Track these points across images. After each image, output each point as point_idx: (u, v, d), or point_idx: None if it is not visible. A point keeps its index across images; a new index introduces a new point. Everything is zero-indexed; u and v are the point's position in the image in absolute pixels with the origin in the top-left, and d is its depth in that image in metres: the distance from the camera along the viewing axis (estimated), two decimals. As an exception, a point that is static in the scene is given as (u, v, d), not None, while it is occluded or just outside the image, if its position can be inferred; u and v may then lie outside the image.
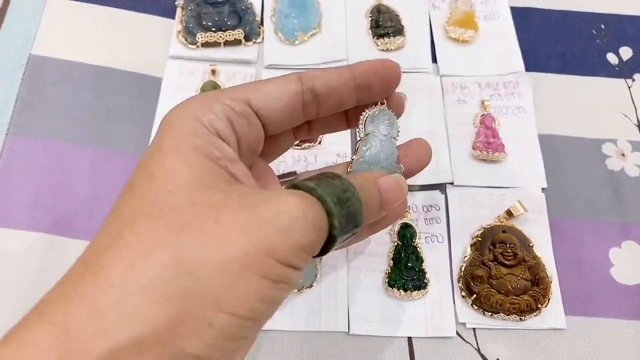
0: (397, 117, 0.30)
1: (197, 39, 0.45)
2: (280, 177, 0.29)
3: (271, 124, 0.26)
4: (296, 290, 0.37)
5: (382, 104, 0.30)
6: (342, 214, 0.22)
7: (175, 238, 0.19)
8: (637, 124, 0.44)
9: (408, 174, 0.29)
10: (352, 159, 0.30)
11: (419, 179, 0.40)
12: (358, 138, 0.30)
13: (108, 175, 0.40)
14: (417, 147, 0.30)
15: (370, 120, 0.30)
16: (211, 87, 0.43)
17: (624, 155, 0.43)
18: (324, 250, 0.23)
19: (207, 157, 0.22)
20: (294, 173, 0.29)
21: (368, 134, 0.30)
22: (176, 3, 0.47)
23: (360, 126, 0.30)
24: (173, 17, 0.46)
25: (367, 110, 0.29)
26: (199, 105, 0.24)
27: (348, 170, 0.30)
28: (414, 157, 0.30)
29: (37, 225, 0.38)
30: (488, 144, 0.42)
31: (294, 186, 0.23)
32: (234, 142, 0.24)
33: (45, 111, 0.42)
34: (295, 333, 0.36)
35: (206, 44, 0.45)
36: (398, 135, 0.30)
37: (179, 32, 0.45)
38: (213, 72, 0.44)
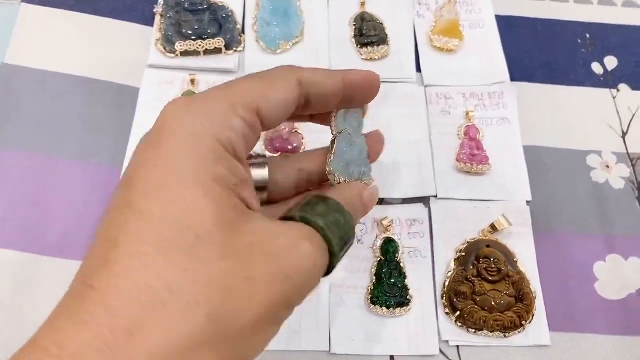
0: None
1: (175, 48, 0.43)
2: (248, 158, 0.27)
3: (266, 126, 0.25)
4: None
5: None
6: (341, 252, 0.25)
7: (210, 295, 0.19)
8: (621, 134, 0.44)
9: None
10: (329, 157, 0.29)
11: (401, 193, 0.40)
12: (332, 135, 0.30)
13: (83, 189, 0.39)
14: (373, 139, 0.31)
15: (342, 117, 0.30)
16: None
17: (608, 167, 0.42)
18: None
19: (226, 188, 0.21)
20: (263, 156, 0.28)
21: (341, 131, 0.30)
22: (155, 10, 0.45)
23: (332, 123, 0.29)
24: (151, 25, 0.45)
25: (339, 111, 0.29)
26: (217, 119, 0.22)
27: (327, 167, 0.29)
28: (371, 149, 0.31)
29: (7, 242, 0.36)
30: (472, 155, 0.41)
31: (303, 219, 0.23)
32: (245, 159, 0.23)
33: (18, 122, 0.40)
34: (274, 353, 0.35)
35: (185, 53, 0.44)
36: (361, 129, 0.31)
37: (158, 40, 0.44)
38: (192, 81, 0.43)
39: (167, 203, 0.20)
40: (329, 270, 0.24)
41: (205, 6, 0.45)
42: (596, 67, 0.47)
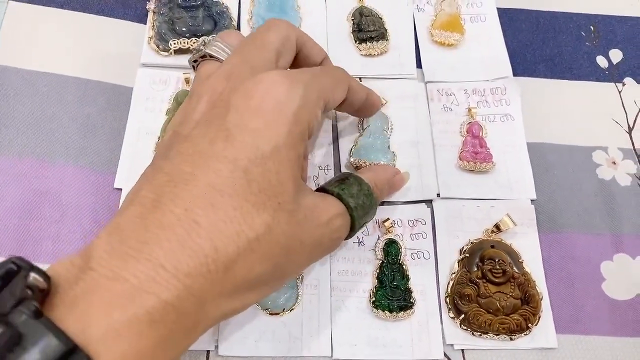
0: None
1: (170, 46, 0.42)
2: None
3: None
4: (276, 314, 0.35)
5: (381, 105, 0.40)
6: (361, 222, 0.31)
7: (279, 251, 0.25)
8: (627, 130, 0.43)
9: None
10: (352, 147, 0.39)
11: (402, 196, 0.39)
12: (359, 134, 0.40)
13: (76, 194, 0.38)
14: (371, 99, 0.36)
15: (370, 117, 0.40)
16: (185, 97, 0.40)
17: (614, 163, 0.41)
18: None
19: (300, 166, 0.27)
20: None
21: (365, 128, 0.40)
22: (147, 7, 0.44)
23: (360, 123, 0.40)
24: (144, 22, 0.44)
25: None
26: (310, 108, 0.27)
27: (349, 155, 0.39)
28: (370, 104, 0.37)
29: (-1, 249, 0.36)
30: (475, 153, 0.40)
31: (339, 196, 0.30)
32: None
33: (8, 126, 0.39)
34: (275, 359, 0.34)
35: (179, 51, 0.42)
36: (391, 129, 0.41)
37: (151, 38, 0.43)
38: (187, 81, 0.42)
39: (266, 171, 0.25)
40: (350, 234, 0.31)
41: (199, 2, 0.44)
42: (601, 61, 0.46)
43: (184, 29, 0.43)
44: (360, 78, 0.43)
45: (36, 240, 0.36)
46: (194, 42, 0.42)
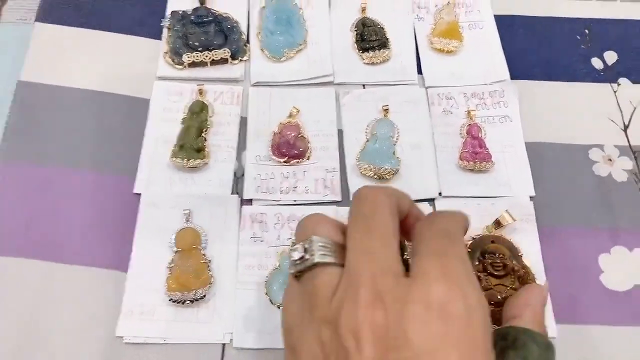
0: None
1: (183, 59, 0.45)
2: None
3: None
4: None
5: (385, 111, 0.43)
6: None
7: None
8: (623, 128, 0.45)
9: None
10: (359, 151, 0.42)
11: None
12: (366, 139, 0.42)
13: (100, 199, 0.40)
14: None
15: (376, 124, 0.43)
16: (199, 107, 0.43)
17: (610, 160, 0.43)
18: None
19: None
20: None
21: (372, 134, 0.42)
22: (162, 24, 0.47)
23: (367, 129, 0.43)
24: (160, 38, 0.47)
25: (374, 119, 0.43)
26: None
27: (356, 159, 0.41)
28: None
29: (29, 252, 0.38)
30: (475, 154, 0.42)
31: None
32: None
33: (36, 137, 0.42)
34: (288, 351, 0.36)
35: (193, 64, 0.45)
36: (397, 136, 0.43)
37: (166, 52, 0.46)
38: (200, 92, 0.44)
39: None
40: None
41: (210, 18, 0.47)
42: (596, 63, 0.48)
43: (196, 44, 0.46)
44: (364, 85, 0.46)
45: (64, 242, 0.38)
46: (206, 56, 0.45)
